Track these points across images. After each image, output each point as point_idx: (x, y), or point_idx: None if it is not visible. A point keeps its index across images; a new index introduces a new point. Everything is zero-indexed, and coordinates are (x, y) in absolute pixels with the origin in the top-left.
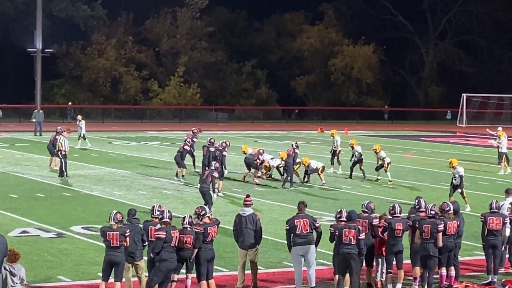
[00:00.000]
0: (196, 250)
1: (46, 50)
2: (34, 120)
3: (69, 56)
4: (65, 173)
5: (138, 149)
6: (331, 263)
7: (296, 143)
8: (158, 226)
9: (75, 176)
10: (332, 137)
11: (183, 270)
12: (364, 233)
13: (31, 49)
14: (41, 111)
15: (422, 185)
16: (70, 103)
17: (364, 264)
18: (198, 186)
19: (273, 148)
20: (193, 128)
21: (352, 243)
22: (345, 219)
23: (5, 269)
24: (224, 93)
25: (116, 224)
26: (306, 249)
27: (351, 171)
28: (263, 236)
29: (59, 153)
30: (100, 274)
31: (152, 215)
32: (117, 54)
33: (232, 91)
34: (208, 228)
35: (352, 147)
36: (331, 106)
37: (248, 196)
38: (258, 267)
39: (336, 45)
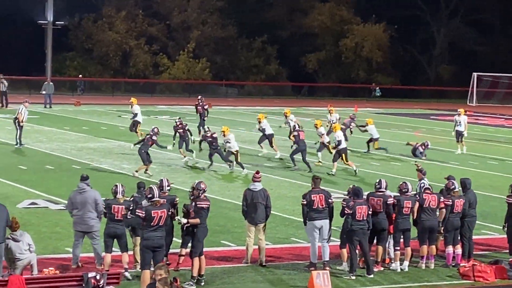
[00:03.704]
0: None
1: (57, 22)
2: (44, 92)
3: (81, 28)
4: (19, 143)
5: (147, 123)
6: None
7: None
8: (145, 203)
9: (84, 149)
10: (330, 114)
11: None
12: (371, 210)
13: (41, 21)
14: (51, 83)
15: (431, 163)
16: (80, 76)
17: (374, 241)
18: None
19: (281, 124)
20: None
21: (364, 219)
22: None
23: (7, 238)
24: (234, 69)
25: (122, 198)
26: (322, 224)
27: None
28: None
29: (16, 122)
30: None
31: (161, 190)
32: (127, 27)
33: (242, 66)
34: None
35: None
36: (341, 83)
37: (257, 172)
38: (266, 242)
39: (346, 23)
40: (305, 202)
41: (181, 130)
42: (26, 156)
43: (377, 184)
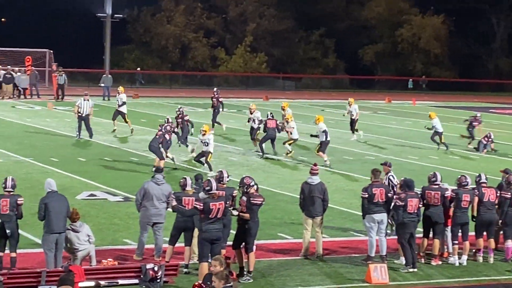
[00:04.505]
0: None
1: (115, 15)
2: (102, 85)
3: (139, 21)
4: (78, 135)
5: (205, 116)
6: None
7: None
8: (202, 195)
9: (142, 142)
10: (349, 105)
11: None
12: (421, 203)
13: (100, 14)
14: (109, 76)
15: (489, 157)
16: (138, 69)
17: (431, 235)
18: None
19: (339, 118)
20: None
21: (415, 211)
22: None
23: (67, 229)
24: (292, 62)
25: (191, 190)
26: (381, 217)
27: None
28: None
29: (78, 116)
30: (167, 238)
31: (220, 182)
32: (185, 20)
33: (299, 59)
34: None
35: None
36: (399, 76)
37: (315, 165)
38: (323, 235)
39: (404, 14)
40: (366, 195)
41: (180, 120)
42: (85, 148)
43: (432, 177)
